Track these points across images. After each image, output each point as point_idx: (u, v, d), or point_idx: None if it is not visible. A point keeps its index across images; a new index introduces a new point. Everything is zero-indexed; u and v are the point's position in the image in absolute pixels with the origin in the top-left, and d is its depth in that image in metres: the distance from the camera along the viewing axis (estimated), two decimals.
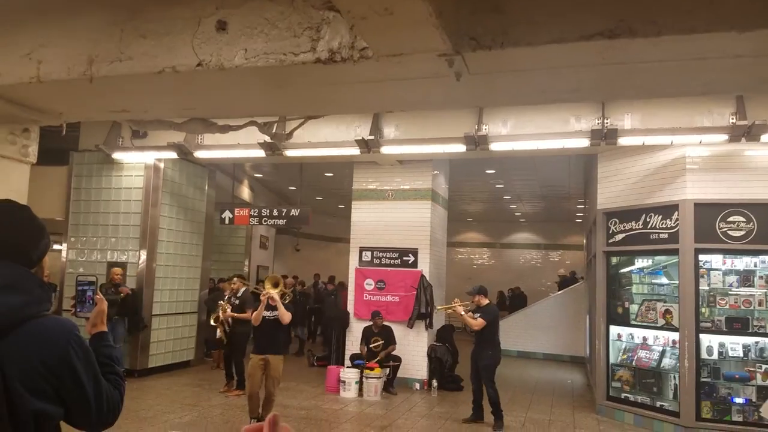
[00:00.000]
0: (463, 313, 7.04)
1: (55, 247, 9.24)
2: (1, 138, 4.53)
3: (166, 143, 8.33)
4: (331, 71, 3.29)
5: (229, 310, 8.05)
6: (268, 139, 7.59)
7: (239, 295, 8.20)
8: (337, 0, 2.82)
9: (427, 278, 9.14)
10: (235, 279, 8.43)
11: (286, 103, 4.33)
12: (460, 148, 7.28)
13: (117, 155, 9.03)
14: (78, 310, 2.08)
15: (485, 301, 7.21)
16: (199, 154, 8.50)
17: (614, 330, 7.82)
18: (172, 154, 8.59)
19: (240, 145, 8.09)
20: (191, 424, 6.57)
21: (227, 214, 9.87)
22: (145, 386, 8.37)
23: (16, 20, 3.90)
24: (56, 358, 1.44)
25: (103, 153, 8.94)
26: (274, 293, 6.04)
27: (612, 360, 7.77)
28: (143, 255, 9.15)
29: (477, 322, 6.95)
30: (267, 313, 6.10)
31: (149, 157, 9.11)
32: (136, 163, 9.30)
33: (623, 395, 7.55)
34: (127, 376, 7.88)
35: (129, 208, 9.30)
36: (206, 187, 10.50)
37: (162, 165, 9.39)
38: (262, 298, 6.11)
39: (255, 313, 6.17)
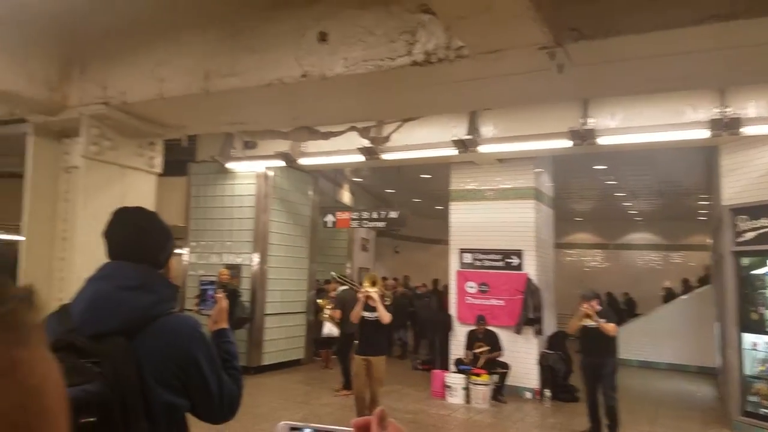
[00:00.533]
0: (598, 319, 6.52)
1: (177, 251, 10.11)
2: (130, 151, 5.01)
3: (274, 152, 8.80)
4: (427, 73, 3.30)
5: (328, 308, 8.32)
6: (366, 143, 7.78)
7: (339, 293, 8.57)
8: (433, 2, 2.82)
9: (534, 281, 8.82)
10: (337, 277, 8.75)
11: (385, 108, 4.41)
12: (566, 143, 6.96)
13: (230, 165, 9.68)
14: (201, 307, 2.23)
15: (598, 306, 6.78)
16: (303, 161, 8.89)
17: (748, 338, 7.03)
18: (280, 163, 9.06)
19: (340, 151, 8.35)
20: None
21: (330, 218, 10.21)
22: (259, 383, 8.85)
23: (140, 41, 4.30)
24: (183, 354, 1.55)
25: (218, 163, 9.63)
26: (373, 292, 6.08)
27: (747, 371, 7.00)
28: (256, 257, 9.73)
29: (612, 327, 6.46)
30: (367, 314, 6.14)
31: (259, 165, 9.68)
32: (247, 172, 9.90)
33: (762, 411, 6.78)
34: (243, 372, 8.37)
35: (242, 213, 9.93)
36: (310, 193, 10.97)
37: (271, 173, 9.93)
38: (359, 296, 6.17)
39: (355, 310, 6.27)
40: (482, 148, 7.42)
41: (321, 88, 3.81)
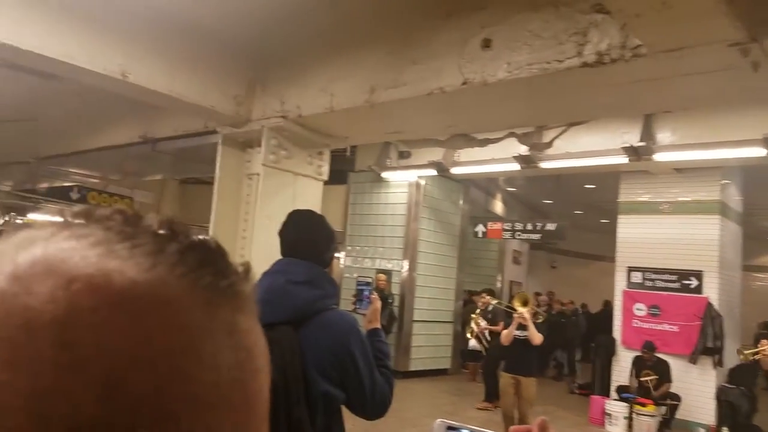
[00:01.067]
0: None
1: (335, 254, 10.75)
2: (301, 160, 5.45)
3: (427, 162, 8.93)
4: (598, 74, 3.08)
5: (482, 323, 8.17)
6: (523, 152, 7.51)
7: (490, 309, 8.32)
8: (608, 0, 2.64)
9: (716, 307, 7.77)
10: (484, 294, 8.55)
11: (548, 111, 4.23)
12: (760, 151, 6.06)
13: (385, 174, 10.04)
14: (357, 307, 2.32)
15: None
16: (456, 170, 8.88)
17: None
18: (432, 172, 9.16)
19: (494, 160, 8.18)
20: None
21: (480, 228, 10.06)
22: (406, 388, 8.98)
23: (315, 59, 4.66)
24: (341, 347, 1.62)
25: (375, 173, 10.04)
26: (525, 312, 5.87)
27: None
28: (405, 264, 9.95)
29: None
30: (517, 333, 5.95)
31: (412, 175, 9.90)
32: (400, 181, 10.20)
33: None
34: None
35: (394, 221, 10.23)
36: (461, 202, 10.93)
37: (423, 182, 10.10)
38: (515, 318, 5.99)
39: (505, 332, 6.09)
40: (658, 156, 6.75)
41: (481, 95, 3.78)
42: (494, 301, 8.42)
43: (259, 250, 4.79)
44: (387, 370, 1.82)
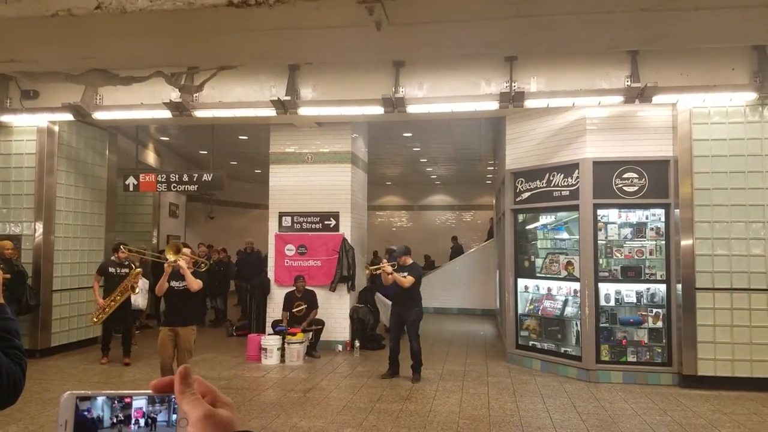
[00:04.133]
0: (391, 272, 7.16)
1: None
2: None
3: (61, 104, 7.60)
4: (245, 16, 3.14)
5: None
6: (174, 98, 7.16)
7: (126, 263, 8.21)
8: None
9: (349, 241, 9.19)
10: (121, 247, 8.11)
11: (196, 52, 4.10)
12: (378, 110, 7.27)
13: (4, 118, 8.17)
14: None
15: (410, 261, 7.42)
16: (99, 115, 7.84)
17: (522, 282, 8.31)
18: (68, 116, 7.86)
19: (144, 105, 7.55)
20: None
21: (131, 181, 9.31)
22: (48, 366, 7.83)
23: None
24: None
25: None
26: (181, 261, 5.75)
27: (520, 311, 8.27)
28: (39, 227, 8.44)
29: (407, 280, 7.14)
30: (175, 283, 5.81)
31: (42, 119, 8.33)
32: (27, 127, 8.48)
33: (531, 343, 8.10)
34: (28, 356, 7.32)
35: (21, 175, 8.51)
36: (107, 152, 9.78)
37: (57, 128, 8.63)
38: (165, 267, 5.81)
39: (158, 283, 5.88)
40: (302, 111, 7.38)
41: (120, 24, 3.40)
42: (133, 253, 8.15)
43: None
44: (16, 350, 1.57)
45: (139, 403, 0.63)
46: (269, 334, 8.58)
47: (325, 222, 9.23)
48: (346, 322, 9.23)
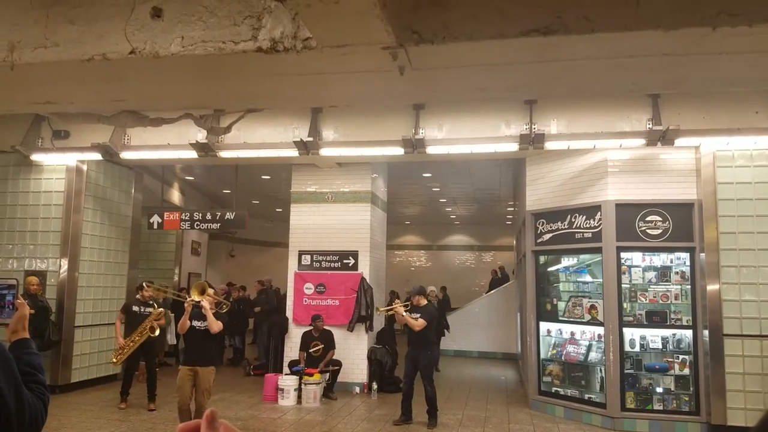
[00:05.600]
0: (404, 314, 7.07)
1: None
2: None
3: (90, 144, 7.87)
4: (273, 62, 3.24)
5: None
6: (201, 138, 7.36)
7: (149, 303, 8.05)
8: None
9: (368, 280, 9.15)
10: (144, 285, 8.11)
11: (225, 95, 4.22)
12: (398, 150, 7.37)
13: (36, 157, 8.45)
14: None
15: (424, 302, 7.31)
16: (126, 155, 8.09)
17: (544, 326, 8.14)
18: (97, 156, 8.12)
19: (170, 146, 7.78)
20: None
21: (156, 219, 9.46)
22: (67, 402, 7.82)
23: None
24: None
25: (21, 154, 8.33)
26: (204, 302, 5.78)
27: (542, 355, 8.07)
28: (64, 263, 8.59)
29: (418, 323, 7.00)
30: (197, 323, 5.82)
31: (71, 158, 8.59)
32: (56, 166, 8.75)
33: (554, 389, 7.86)
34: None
35: (49, 213, 8.72)
36: (133, 191, 10.01)
37: (85, 167, 8.88)
38: (186, 305, 5.81)
39: (180, 321, 5.90)
40: (324, 151, 7.52)
41: (153, 68, 3.53)
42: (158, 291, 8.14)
43: None
44: (39, 385, 1.56)
45: None
46: (286, 374, 8.48)
47: (344, 261, 9.23)
48: (363, 363, 9.09)
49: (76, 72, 3.65)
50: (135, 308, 7.93)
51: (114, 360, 7.74)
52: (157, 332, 7.79)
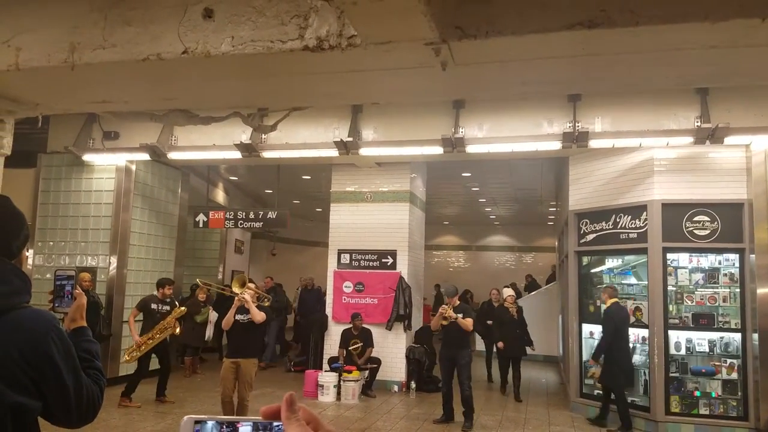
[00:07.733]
0: (456, 317, 6.84)
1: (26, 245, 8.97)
2: None
3: (139, 144, 8.20)
4: (318, 60, 3.33)
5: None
6: (245, 139, 7.57)
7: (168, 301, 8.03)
8: None
9: (406, 280, 9.19)
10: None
11: (272, 93, 4.35)
12: (438, 150, 7.38)
13: (87, 157, 8.85)
14: (56, 305, 1.95)
15: (457, 302, 7.28)
16: (173, 155, 8.39)
17: (586, 328, 7.99)
18: (145, 156, 8.45)
19: (215, 146, 8.02)
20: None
21: (201, 218, 9.75)
22: (114, 395, 8.11)
23: None
24: (36, 350, 1.41)
25: (73, 155, 8.74)
26: (247, 295, 5.92)
27: (584, 358, 7.92)
28: (114, 260, 8.95)
29: (470, 322, 6.93)
30: (239, 316, 5.94)
31: (121, 159, 8.96)
32: (107, 165, 9.12)
33: (596, 392, 7.70)
34: None
35: (99, 211, 9.10)
36: (179, 190, 10.35)
37: (134, 167, 9.24)
38: (236, 301, 5.95)
39: (225, 317, 6.02)
40: (363, 151, 7.61)
41: (204, 67, 3.67)
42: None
43: None
44: (96, 371, 1.66)
45: (246, 429, 0.68)
46: (326, 371, 8.61)
47: (383, 260, 9.30)
48: (402, 362, 9.13)
49: (132, 72, 3.83)
50: (153, 306, 7.74)
51: (127, 357, 7.57)
52: (178, 330, 7.81)
